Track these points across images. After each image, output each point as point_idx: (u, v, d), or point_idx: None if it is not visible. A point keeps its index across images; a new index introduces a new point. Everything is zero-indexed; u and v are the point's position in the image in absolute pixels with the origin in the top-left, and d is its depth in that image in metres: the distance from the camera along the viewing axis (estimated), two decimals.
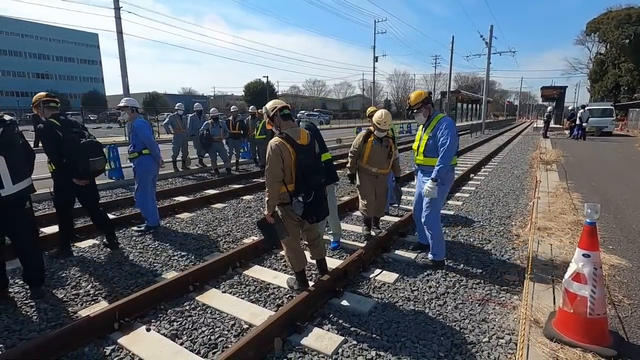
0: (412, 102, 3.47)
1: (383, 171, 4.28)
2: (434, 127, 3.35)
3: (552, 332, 2.24)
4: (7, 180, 2.76)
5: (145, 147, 4.59)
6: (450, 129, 3.25)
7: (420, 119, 3.49)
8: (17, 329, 2.60)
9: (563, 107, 31.50)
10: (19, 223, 2.93)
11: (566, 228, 4.20)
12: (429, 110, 3.47)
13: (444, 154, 3.21)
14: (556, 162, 9.81)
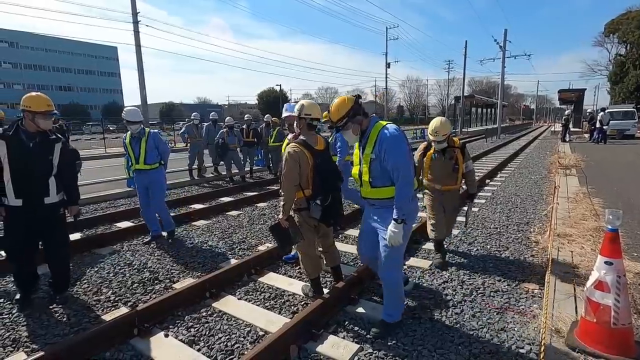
0: (333, 116, 2.38)
1: (449, 187, 3.73)
2: (374, 143, 2.31)
3: (574, 342, 2.17)
4: (54, 188, 3.02)
5: (161, 159, 4.67)
6: (399, 143, 2.26)
7: (351, 137, 2.46)
8: (42, 333, 2.69)
9: (582, 110, 30.74)
10: (56, 229, 3.13)
11: (587, 234, 4.08)
12: (362, 123, 2.40)
13: (401, 183, 2.25)
14: (576, 166, 9.55)
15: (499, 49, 26.27)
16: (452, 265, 3.80)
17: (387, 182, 2.34)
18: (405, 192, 2.26)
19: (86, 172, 11.65)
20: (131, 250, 4.38)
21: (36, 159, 2.93)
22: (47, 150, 3.00)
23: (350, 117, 2.36)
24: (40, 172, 2.96)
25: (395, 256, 2.47)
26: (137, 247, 4.46)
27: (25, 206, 2.92)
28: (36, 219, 2.99)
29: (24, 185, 2.91)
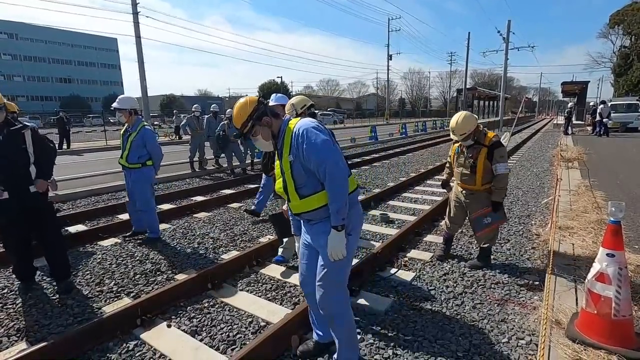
0: (235, 122, 1.96)
1: (467, 187, 3.45)
2: (290, 145, 1.88)
3: (574, 333, 2.18)
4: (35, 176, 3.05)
5: (149, 158, 4.25)
6: (315, 134, 1.80)
7: (263, 144, 2.01)
8: (46, 323, 2.71)
9: (585, 103, 30.52)
10: (47, 218, 3.18)
11: (589, 227, 4.08)
12: (271, 125, 1.96)
13: (329, 180, 1.78)
14: (578, 159, 9.51)
15: (502, 40, 25.98)
16: (453, 257, 3.81)
17: (317, 186, 1.88)
18: (337, 191, 1.78)
19: (87, 164, 11.71)
20: (133, 241, 4.40)
21: (10, 150, 2.92)
22: (18, 139, 2.99)
23: (255, 119, 1.92)
24: (18, 162, 2.96)
25: (335, 276, 1.95)
26: (138, 239, 4.48)
27: (11, 198, 2.95)
28: (25, 209, 3.02)
29: (6, 178, 2.92)
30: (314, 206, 1.91)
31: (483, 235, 3.49)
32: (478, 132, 3.34)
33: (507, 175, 3.28)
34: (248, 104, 1.96)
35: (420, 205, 6.03)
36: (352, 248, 1.98)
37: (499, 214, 3.37)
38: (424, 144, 16.29)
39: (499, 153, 3.24)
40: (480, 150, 3.29)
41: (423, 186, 7.60)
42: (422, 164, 10.77)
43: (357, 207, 2.01)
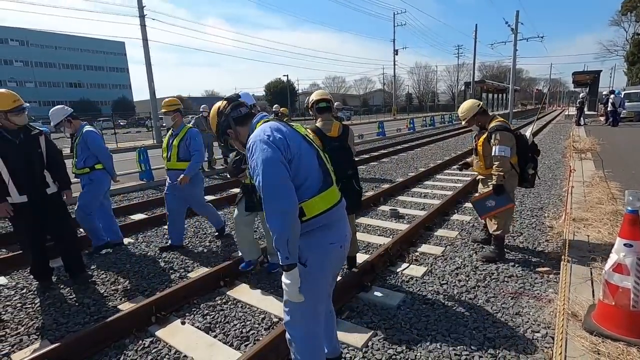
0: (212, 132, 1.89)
1: (477, 171, 3.67)
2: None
3: (592, 325, 2.15)
4: (50, 179, 3.22)
5: (98, 162, 4.04)
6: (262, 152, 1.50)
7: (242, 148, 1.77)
8: (65, 322, 2.77)
9: (597, 93, 29.86)
10: (63, 218, 3.33)
11: (604, 219, 4.00)
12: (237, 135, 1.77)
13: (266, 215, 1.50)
14: (591, 150, 9.32)
15: (511, 31, 25.56)
16: (464, 251, 3.77)
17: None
18: (271, 225, 1.47)
19: None
20: (146, 241, 4.47)
21: (28, 154, 3.04)
22: (35, 144, 3.11)
23: (221, 134, 1.78)
24: (36, 166, 3.08)
25: (296, 313, 1.68)
26: (151, 239, 4.54)
27: (30, 201, 3.04)
28: (42, 211, 3.13)
29: (25, 181, 3.02)
30: None
31: (489, 219, 3.55)
32: (484, 119, 3.48)
33: (503, 158, 3.23)
34: (214, 116, 1.80)
35: (430, 200, 5.98)
36: (309, 286, 1.59)
37: (503, 198, 3.34)
38: (432, 139, 16.14)
39: (495, 136, 3.28)
40: (481, 135, 3.46)
41: (432, 181, 7.54)
42: (431, 158, 10.68)
43: (328, 229, 1.62)
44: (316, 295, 1.67)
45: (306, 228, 1.57)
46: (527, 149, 3.45)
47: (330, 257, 1.66)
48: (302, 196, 1.55)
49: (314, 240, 1.61)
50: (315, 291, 1.66)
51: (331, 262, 1.68)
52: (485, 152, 3.45)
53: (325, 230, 1.63)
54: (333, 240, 1.65)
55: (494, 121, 3.41)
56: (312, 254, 1.60)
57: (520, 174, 3.48)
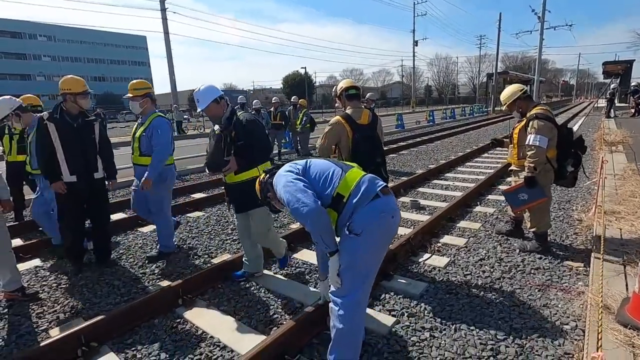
0: None
1: (510, 161, 3.56)
2: None
3: (626, 318, 2.08)
4: (100, 164, 3.40)
5: None
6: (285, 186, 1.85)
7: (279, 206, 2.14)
8: (97, 302, 2.90)
9: (629, 84, 28.45)
10: (104, 204, 3.54)
11: (638, 212, 3.84)
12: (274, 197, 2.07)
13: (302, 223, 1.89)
14: (622, 142, 8.92)
15: (537, 19, 24.60)
16: (488, 243, 3.71)
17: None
18: (308, 228, 1.81)
19: (123, 157, 12.21)
20: None
21: (84, 138, 3.22)
22: (90, 129, 3.30)
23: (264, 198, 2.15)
24: (89, 149, 3.27)
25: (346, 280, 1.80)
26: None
27: (79, 182, 3.22)
28: (87, 194, 3.30)
29: (77, 163, 3.20)
30: None
31: (521, 212, 3.46)
32: (525, 105, 3.33)
33: (538, 148, 3.02)
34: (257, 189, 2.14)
35: (451, 192, 5.89)
36: (361, 252, 1.76)
37: (536, 191, 3.18)
38: (452, 132, 15.80)
39: (532, 124, 3.10)
40: (520, 122, 3.34)
41: (453, 173, 7.41)
42: (452, 151, 10.48)
43: (373, 202, 1.78)
44: (369, 263, 1.83)
45: (354, 204, 1.77)
46: (571, 144, 3.21)
47: (383, 226, 1.80)
48: (334, 185, 1.82)
49: (367, 211, 1.77)
50: (369, 259, 1.82)
51: (384, 231, 1.83)
52: (520, 140, 3.29)
53: (373, 203, 1.78)
54: (384, 210, 1.79)
55: (536, 108, 3.22)
56: (367, 224, 1.75)
57: (558, 170, 3.24)
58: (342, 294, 1.81)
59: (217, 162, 2.77)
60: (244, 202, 2.86)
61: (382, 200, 1.80)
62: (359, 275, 1.80)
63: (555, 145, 3.19)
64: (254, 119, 2.85)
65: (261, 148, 2.84)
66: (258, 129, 2.82)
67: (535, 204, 3.26)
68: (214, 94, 2.74)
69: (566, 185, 3.41)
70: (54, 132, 3.07)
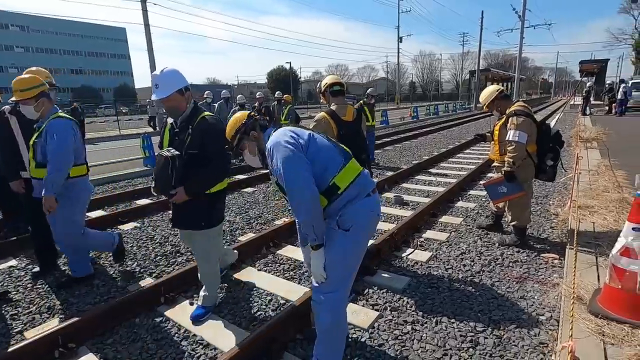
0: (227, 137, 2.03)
1: (492, 158, 3.73)
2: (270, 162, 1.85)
3: (597, 308, 2.17)
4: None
5: None
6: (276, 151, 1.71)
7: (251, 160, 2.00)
8: (75, 301, 2.82)
9: (604, 83, 29.48)
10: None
11: (610, 206, 4.00)
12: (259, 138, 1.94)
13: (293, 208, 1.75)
14: (597, 139, 9.26)
15: (518, 18, 25.11)
16: (469, 237, 3.79)
17: None
18: (297, 213, 1.75)
19: (102, 152, 11.91)
20: (152, 225, 4.50)
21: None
22: None
23: (242, 133, 1.91)
24: None
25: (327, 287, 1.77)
26: (157, 223, 4.58)
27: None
28: None
29: None
30: None
31: (500, 204, 3.59)
32: (504, 104, 3.44)
33: (517, 144, 3.14)
34: (238, 120, 1.95)
35: (434, 187, 5.98)
36: (350, 248, 1.74)
37: (515, 185, 3.30)
38: (436, 128, 16.04)
39: (512, 121, 3.22)
40: (500, 120, 3.48)
41: (437, 169, 7.53)
42: (435, 147, 10.64)
43: (366, 199, 1.77)
44: (356, 259, 1.82)
45: (347, 198, 1.74)
46: (549, 139, 3.33)
47: (370, 223, 1.82)
48: (331, 173, 1.73)
49: (358, 208, 1.75)
50: (356, 256, 1.82)
51: (371, 229, 1.85)
52: (501, 137, 3.41)
53: (366, 199, 1.78)
54: (373, 208, 1.82)
55: (515, 105, 3.35)
56: (357, 220, 1.74)
57: (538, 164, 3.37)
58: (327, 290, 1.77)
59: (162, 190, 2.33)
60: (184, 218, 2.43)
61: (373, 198, 1.82)
62: (345, 272, 1.79)
63: (535, 141, 3.30)
64: (221, 127, 2.26)
65: (216, 169, 2.33)
66: (221, 142, 2.24)
67: (514, 197, 3.37)
68: (179, 82, 2.29)
69: (547, 179, 3.52)
70: (15, 126, 2.89)
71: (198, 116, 2.34)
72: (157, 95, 2.25)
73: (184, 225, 2.49)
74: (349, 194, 1.74)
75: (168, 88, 2.24)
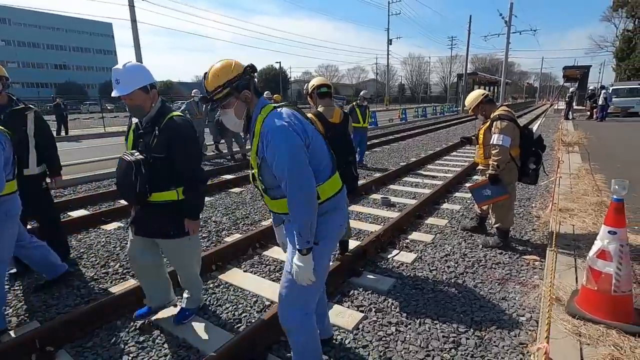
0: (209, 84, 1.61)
1: (477, 161, 3.78)
2: (257, 141, 1.57)
3: (574, 309, 2.23)
4: (33, 160, 3.02)
5: None
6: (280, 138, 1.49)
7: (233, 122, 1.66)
8: (54, 303, 2.75)
9: (586, 88, 30.32)
10: (41, 203, 3.17)
11: (589, 209, 4.11)
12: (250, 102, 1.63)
13: (289, 197, 1.52)
14: (578, 144, 9.51)
15: (504, 24, 25.62)
16: (454, 239, 3.85)
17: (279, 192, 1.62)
18: (297, 211, 1.51)
19: (87, 150, 11.65)
20: None
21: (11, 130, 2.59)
22: (20, 120, 2.92)
23: (234, 88, 1.57)
24: (18, 144, 2.70)
25: (297, 293, 1.67)
26: None
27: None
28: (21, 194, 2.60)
29: None
30: (286, 210, 1.60)
31: (485, 206, 3.65)
32: (489, 108, 3.51)
33: (501, 147, 3.22)
34: (233, 66, 1.59)
35: (421, 189, 6.05)
36: (322, 259, 1.65)
37: (499, 188, 3.37)
38: (424, 130, 16.22)
39: (496, 125, 3.29)
40: (485, 123, 3.52)
41: (424, 170, 7.61)
42: (422, 149, 10.76)
43: (337, 213, 1.70)
44: (324, 273, 1.74)
45: (322, 210, 1.62)
46: (532, 143, 3.42)
47: (337, 237, 1.76)
48: (318, 180, 1.59)
49: (330, 222, 1.67)
50: (324, 269, 1.73)
51: (336, 243, 1.80)
52: (485, 141, 3.48)
53: (336, 213, 1.70)
54: (342, 222, 1.75)
55: (499, 110, 3.43)
56: (326, 234, 1.65)
57: (521, 168, 3.45)
58: (298, 306, 1.69)
59: (126, 197, 2.19)
60: (151, 226, 2.22)
61: (344, 211, 1.79)
62: (315, 285, 1.65)
63: (518, 145, 3.38)
64: (192, 135, 2.17)
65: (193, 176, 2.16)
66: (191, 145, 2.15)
67: (498, 200, 3.44)
68: (144, 79, 2.08)
69: (529, 183, 3.62)
70: None
71: (165, 116, 2.14)
72: (118, 92, 2.04)
73: (149, 232, 2.24)
74: (325, 207, 1.63)
75: (130, 84, 2.03)
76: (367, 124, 8.31)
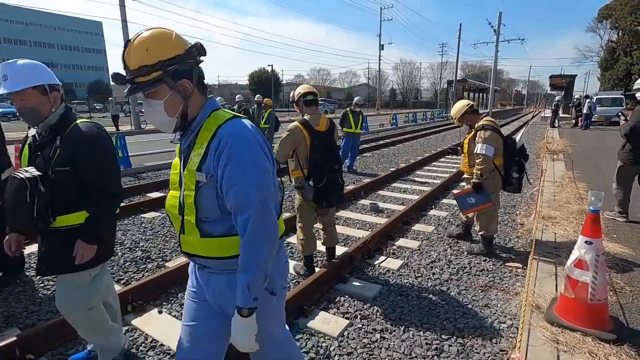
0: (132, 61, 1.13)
1: (463, 169, 3.86)
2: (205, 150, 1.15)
3: (553, 317, 2.29)
4: None
5: None
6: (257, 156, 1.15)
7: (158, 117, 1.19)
8: (36, 309, 2.70)
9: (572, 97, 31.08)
10: None
11: (571, 217, 4.22)
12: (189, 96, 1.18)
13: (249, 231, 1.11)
14: (563, 151, 9.74)
15: (493, 32, 26.12)
16: (440, 245, 3.91)
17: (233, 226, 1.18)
18: (257, 256, 1.12)
19: None
20: (122, 229, 4.38)
21: None
22: None
23: (170, 72, 1.12)
24: None
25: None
26: (128, 227, 4.46)
27: None
28: None
29: None
30: (225, 254, 1.21)
31: (469, 214, 3.73)
32: (473, 118, 3.61)
33: (485, 156, 3.31)
34: (172, 41, 1.14)
35: (409, 195, 6.12)
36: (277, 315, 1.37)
37: (483, 196, 3.44)
38: (414, 135, 16.41)
39: (480, 134, 3.38)
40: (469, 133, 3.60)
41: (412, 176, 7.70)
42: (412, 154, 10.88)
43: (282, 251, 1.39)
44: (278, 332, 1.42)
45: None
46: (514, 153, 3.50)
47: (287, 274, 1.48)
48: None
49: (282, 262, 1.37)
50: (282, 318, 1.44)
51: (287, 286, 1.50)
52: (470, 150, 3.56)
53: (282, 249, 1.39)
54: (287, 259, 1.45)
55: (483, 120, 3.53)
56: (280, 278, 1.34)
57: (505, 177, 3.53)
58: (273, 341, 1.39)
59: (21, 225, 1.76)
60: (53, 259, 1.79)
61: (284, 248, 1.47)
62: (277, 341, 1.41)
63: (502, 154, 3.46)
64: (104, 143, 1.80)
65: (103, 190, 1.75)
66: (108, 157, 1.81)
67: (482, 208, 3.51)
68: (40, 77, 1.71)
69: (513, 191, 3.70)
70: None
71: (70, 124, 1.76)
72: (5, 88, 1.65)
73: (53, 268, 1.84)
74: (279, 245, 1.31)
75: (21, 81, 1.65)
76: (359, 129, 8.37)
